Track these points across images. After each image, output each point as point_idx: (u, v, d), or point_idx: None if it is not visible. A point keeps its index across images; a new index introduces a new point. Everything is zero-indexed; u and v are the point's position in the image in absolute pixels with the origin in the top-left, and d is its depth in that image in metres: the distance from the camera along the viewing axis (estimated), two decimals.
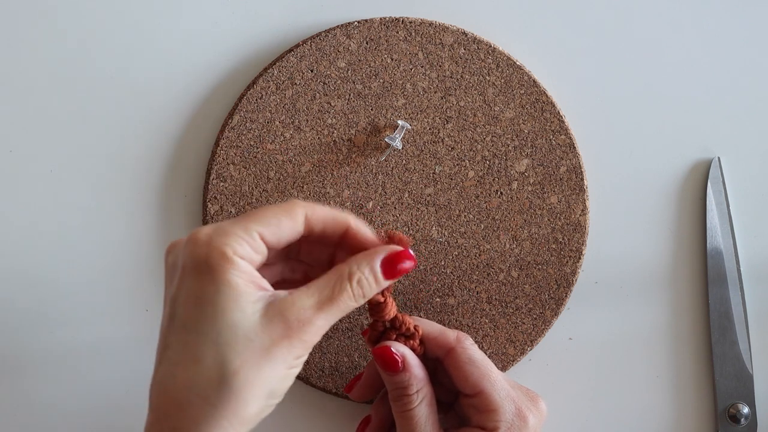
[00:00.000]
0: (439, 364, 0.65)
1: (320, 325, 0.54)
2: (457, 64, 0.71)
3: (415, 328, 0.64)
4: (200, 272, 0.53)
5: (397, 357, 0.63)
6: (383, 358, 0.63)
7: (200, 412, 0.51)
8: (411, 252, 0.58)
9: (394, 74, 0.71)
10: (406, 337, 0.64)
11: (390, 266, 0.57)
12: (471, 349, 0.65)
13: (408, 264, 0.58)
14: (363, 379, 0.67)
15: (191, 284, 0.53)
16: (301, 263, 0.61)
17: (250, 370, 0.52)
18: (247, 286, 0.53)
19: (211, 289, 0.52)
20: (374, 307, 0.62)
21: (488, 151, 0.71)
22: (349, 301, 0.56)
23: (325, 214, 0.57)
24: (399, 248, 0.58)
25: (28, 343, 0.72)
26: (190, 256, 0.53)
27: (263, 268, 0.57)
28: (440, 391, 0.66)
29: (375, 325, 0.63)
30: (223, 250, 0.53)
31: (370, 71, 0.71)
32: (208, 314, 0.52)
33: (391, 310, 0.62)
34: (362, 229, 0.58)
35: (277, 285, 0.59)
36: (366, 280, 0.56)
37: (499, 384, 0.64)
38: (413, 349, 0.64)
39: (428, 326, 0.65)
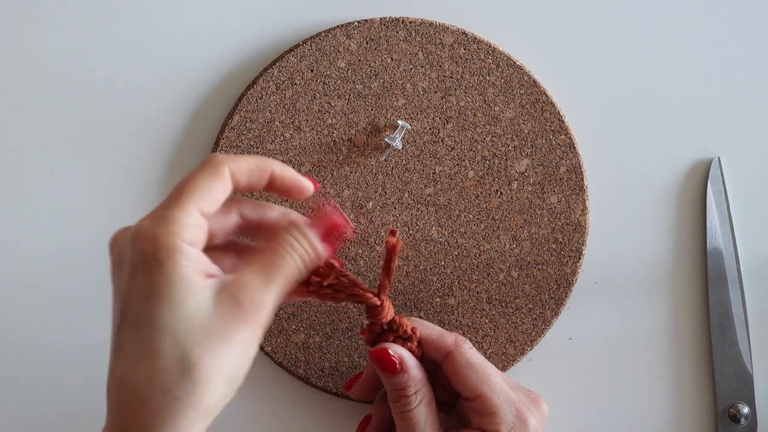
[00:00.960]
0: (439, 366, 0.65)
1: (270, 299, 0.54)
2: (457, 64, 0.71)
3: (412, 331, 0.64)
4: (149, 268, 0.52)
5: (394, 358, 0.63)
6: (380, 359, 0.63)
7: (164, 405, 0.51)
8: (341, 218, 0.57)
9: (394, 74, 0.71)
10: (403, 339, 0.64)
11: (326, 232, 0.57)
12: (469, 353, 0.64)
13: (337, 219, 0.57)
14: (363, 379, 0.67)
15: (141, 280, 0.52)
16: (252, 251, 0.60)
17: (210, 357, 0.52)
18: (196, 275, 0.53)
19: (162, 283, 0.52)
20: (371, 309, 0.62)
21: (488, 151, 0.71)
22: (294, 272, 0.55)
23: (248, 164, 0.57)
24: (327, 212, 0.57)
25: (28, 343, 0.72)
26: (137, 252, 0.53)
27: (214, 257, 0.57)
28: (441, 391, 0.66)
29: (372, 327, 0.63)
30: (169, 243, 0.52)
31: (370, 71, 0.71)
32: (162, 308, 0.52)
33: (388, 313, 0.62)
34: (287, 172, 0.58)
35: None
36: (298, 242, 0.56)
37: (498, 387, 0.64)
38: (411, 351, 0.64)
39: (426, 329, 0.65)
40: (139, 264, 0.53)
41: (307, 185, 0.59)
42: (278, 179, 0.57)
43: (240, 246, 0.59)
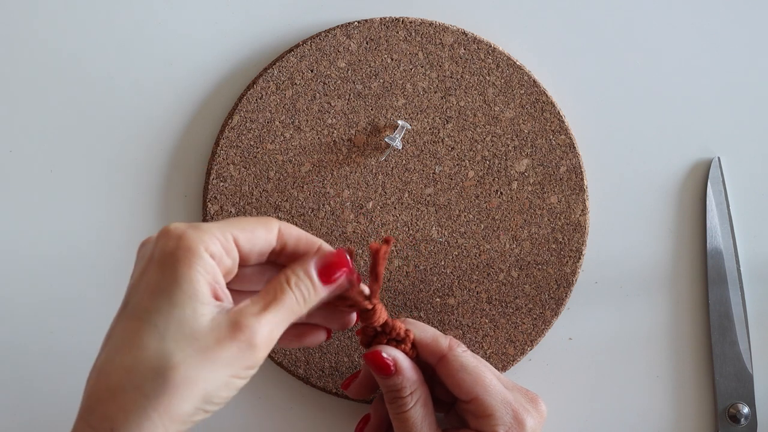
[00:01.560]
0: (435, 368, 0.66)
1: (268, 329, 0.54)
2: (457, 64, 0.71)
3: (406, 333, 0.64)
4: (164, 264, 0.53)
5: (388, 361, 0.63)
6: (374, 362, 0.63)
7: (131, 401, 0.51)
8: (347, 258, 0.58)
9: (394, 74, 0.71)
10: (397, 341, 0.64)
11: (325, 271, 0.57)
12: (463, 356, 0.64)
13: (343, 271, 0.57)
14: (360, 378, 0.67)
15: (152, 274, 0.53)
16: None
17: (189, 367, 0.51)
18: (205, 286, 0.53)
19: (171, 281, 0.52)
20: (363, 314, 0.62)
21: (488, 151, 0.72)
22: (293, 304, 0.55)
23: (299, 233, 0.58)
24: (332, 253, 0.58)
25: (28, 343, 0.72)
26: (159, 247, 0.53)
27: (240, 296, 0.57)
28: (441, 391, 0.66)
29: (365, 330, 0.64)
30: (191, 244, 0.53)
31: (370, 71, 0.71)
32: (161, 305, 0.52)
33: (381, 316, 0.62)
34: (328, 254, 0.58)
35: None
36: (303, 283, 0.56)
37: (494, 389, 0.64)
38: (405, 353, 0.64)
39: (421, 332, 0.65)
40: (157, 258, 0.53)
41: (350, 280, 0.58)
42: (324, 258, 0.58)
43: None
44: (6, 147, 0.73)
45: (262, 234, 0.57)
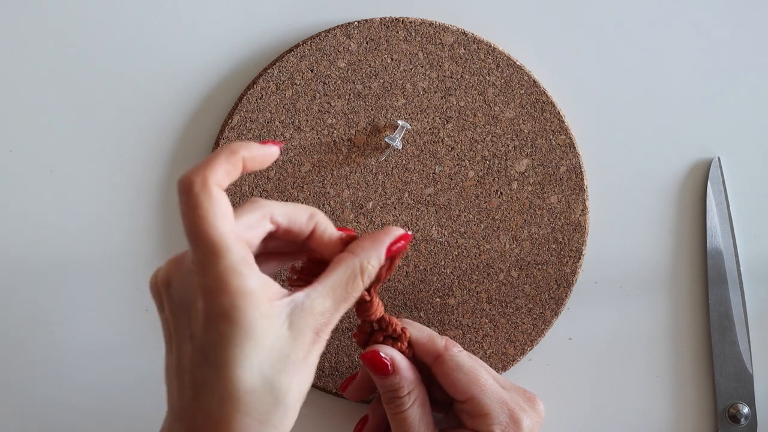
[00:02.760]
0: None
1: (336, 320, 0.56)
2: (457, 64, 0.71)
3: (402, 330, 0.64)
4: (229, 317, 0.53)
5: (385, 360, 0.63)
6: (372, 362, 0.63)
7: (250, 427, 0.53)
8: (403, 231, 0.60)
9: (394, 74, 0.71)
10: (393, 339, 0.64)
11: (390, 249, 0.59)
12: (458, 356, 0.64)
13: (402, 243, 0.59)
14: (357, 380, 0.67)
15: (223, 327, 0.53)
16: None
17: (295, 383, 0.54)
18: (270, 307, 0.54)
19: (245, 328, 0.53)
20: (360, 306, 0.62)
21: (488, 151, 0.71)
22: (359, 293, 0.58)
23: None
24: (400, 231, 0.59)
25: (28, 343, 0.72)
26: (211, 303, 0.53)
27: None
28: (438, 392, 0.66)
29: (362, 326, 0.64)
30: (241, 288, 0.53)
31: (370, 71, 0.71)
32: (248, 349, 0.53)
33: (378, 309, 0.62)
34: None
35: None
36: (373, 269, 0.58)
37: (489, 388, 0.64)
38: (401, 352, 0.64)
39: (417, 331, 0.65)
40: (218, 313, 0.53)
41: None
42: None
43: (273, 245, 0.60)
44: (6, 147, 0.73)
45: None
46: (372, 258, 0.58)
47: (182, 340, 0.55)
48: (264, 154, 0.57)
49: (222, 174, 0.54)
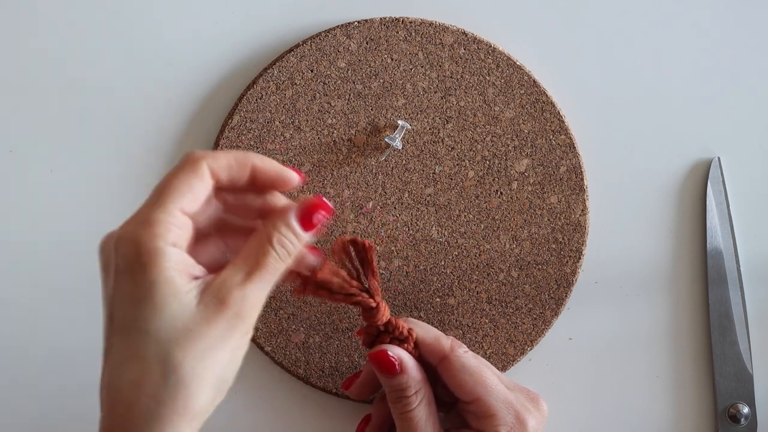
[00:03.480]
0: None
1: (255, 296, 0.53)
2: (457, 64, 0.71)
3: (408, 332, 0.64)
4: (133, 271, 0.52)
5: (393, 360, 0.63)
6: (380, 361, 0.63)
7: (149, 410, 0.51)
8: (325, 201, 0.57)
9: (394, 74, 0.71)
10: (399, 340, 0.64)
11: (306, 218, 0.56)
12: (464, 357, 0.64)
13: (322, 213, 0.56)
14: (361, 378, 0.67)
15: (126, 284, 0.52)
16: (238, 234, 0.59)
17: (194, 360, 0.51)
18: (180, 277, 0.52)
19: (146, 287, 0.52)
20: (367, 311, 0.62)
21: (488, 151, 0.71)
22: (276, 263, 0.54)
23: (228, 159, 0.56)
24: (310, 198, 0.56)
25: (28, 343, 0.72)
26: (121, 257, 0.53)
27: (199, 248, 0.57)
28: (443, 391, 0.66)
29: (369, 329, 0.64)
30: (152, 246, 0.52)
31: (370, 71, 0.71)
32: (147, 312, 0.52)
33: (384, 314, 0.62)
34: (268, 163, 0.57)
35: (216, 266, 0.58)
36: (286, 238, 0.55)
37: (495, 389, 0.64)
38: (408, 352, 0.64)
39: (423, 332, 0.65)
40: (124, 269, 0.52)
41: (291, 175, 0.57)
42: (261, 172, 0.57)
43: (228, 228, 0.59)
44: (6, 147, 0.73)
45: (200, 186, 0.55)
46: (278, 224, 0.55)
47: (104, 304, 0.54)
48: (277, 170, 0.56)
49: (222, 163, 0.54)
